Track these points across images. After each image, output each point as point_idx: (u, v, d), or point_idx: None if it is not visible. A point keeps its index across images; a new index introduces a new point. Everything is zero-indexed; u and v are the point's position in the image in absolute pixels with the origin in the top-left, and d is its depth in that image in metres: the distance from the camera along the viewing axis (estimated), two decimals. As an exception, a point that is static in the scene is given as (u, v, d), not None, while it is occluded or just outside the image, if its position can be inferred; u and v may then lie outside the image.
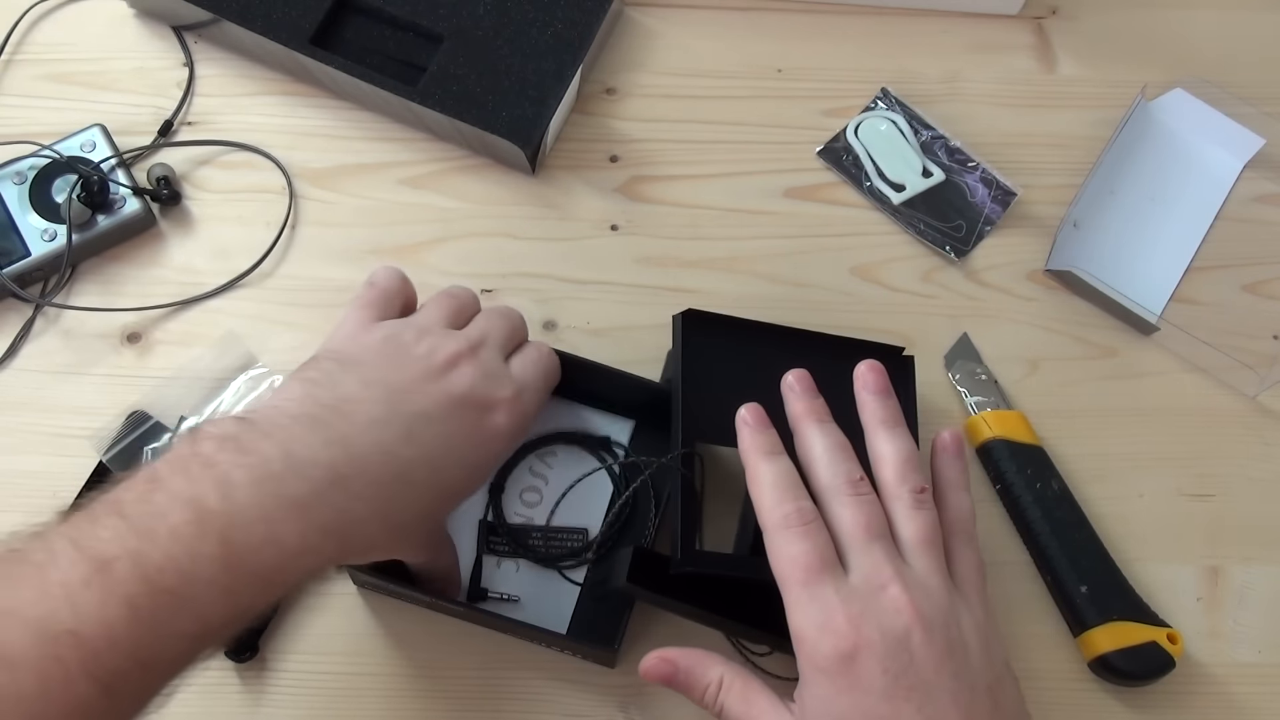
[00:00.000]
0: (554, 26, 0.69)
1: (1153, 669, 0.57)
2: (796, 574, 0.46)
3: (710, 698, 0.48)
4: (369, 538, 0.46)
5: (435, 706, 0.58)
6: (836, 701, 0.44)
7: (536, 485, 0.61)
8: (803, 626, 0.46)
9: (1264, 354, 0.67)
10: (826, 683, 0.44)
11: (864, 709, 0.44)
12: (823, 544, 0.47)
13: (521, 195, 0.69)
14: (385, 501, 0.45)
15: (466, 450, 0.49)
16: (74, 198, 0.64)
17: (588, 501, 0.60)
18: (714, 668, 0.49)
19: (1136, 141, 0.72)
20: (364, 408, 0.46)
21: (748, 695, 0.47)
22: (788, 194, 0.70)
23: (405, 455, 0.46)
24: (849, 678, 0.44)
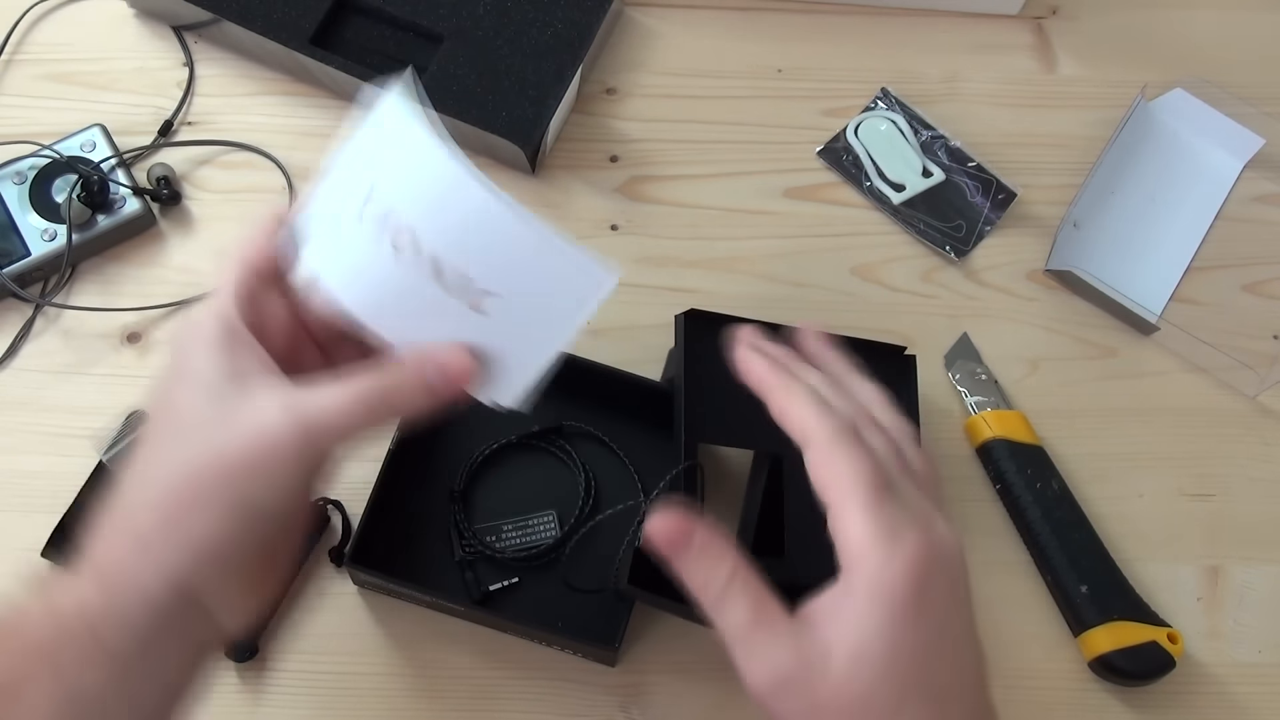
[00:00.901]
0: (554, 26, 0.69)
1: (1153, 669, 0.57)
2: (863, 485, 0.40)
3: (715, 591, 0.40)
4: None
5: (435, 706, 0.58)
6: (893, 632, 0.38)
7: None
8: (870, 544, 0.39)
9: (1264, 354, 0.67)
10: (886, 610, 0.38)
11: (924, 643, 0.39)
12: (882, 457, 0.42)
13: (521, 195, 0.69)
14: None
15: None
16: (74, 198, 0.64)
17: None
18: (729, 556, 0.41)
19: (1136, 141, 0.72)
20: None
21: (761, 604, 0.40)
22: (788, 194, 0.70)
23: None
24: (917, 606, 0.38)
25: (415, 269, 0.40)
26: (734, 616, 0.40)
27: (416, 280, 0.40)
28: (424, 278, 0.40)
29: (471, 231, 0.39)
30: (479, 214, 0.39)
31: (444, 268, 0.40)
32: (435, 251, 0.39)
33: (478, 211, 0.39)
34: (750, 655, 0.39)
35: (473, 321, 0.41)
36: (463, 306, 0.40)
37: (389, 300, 0.41)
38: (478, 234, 0.39)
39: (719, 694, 0.58)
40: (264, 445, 0.39)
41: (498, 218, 0.39)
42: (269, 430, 0.39)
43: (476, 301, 0.40)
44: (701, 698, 0.58)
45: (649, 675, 0.58)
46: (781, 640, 0.39)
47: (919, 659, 0.38)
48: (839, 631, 0.39)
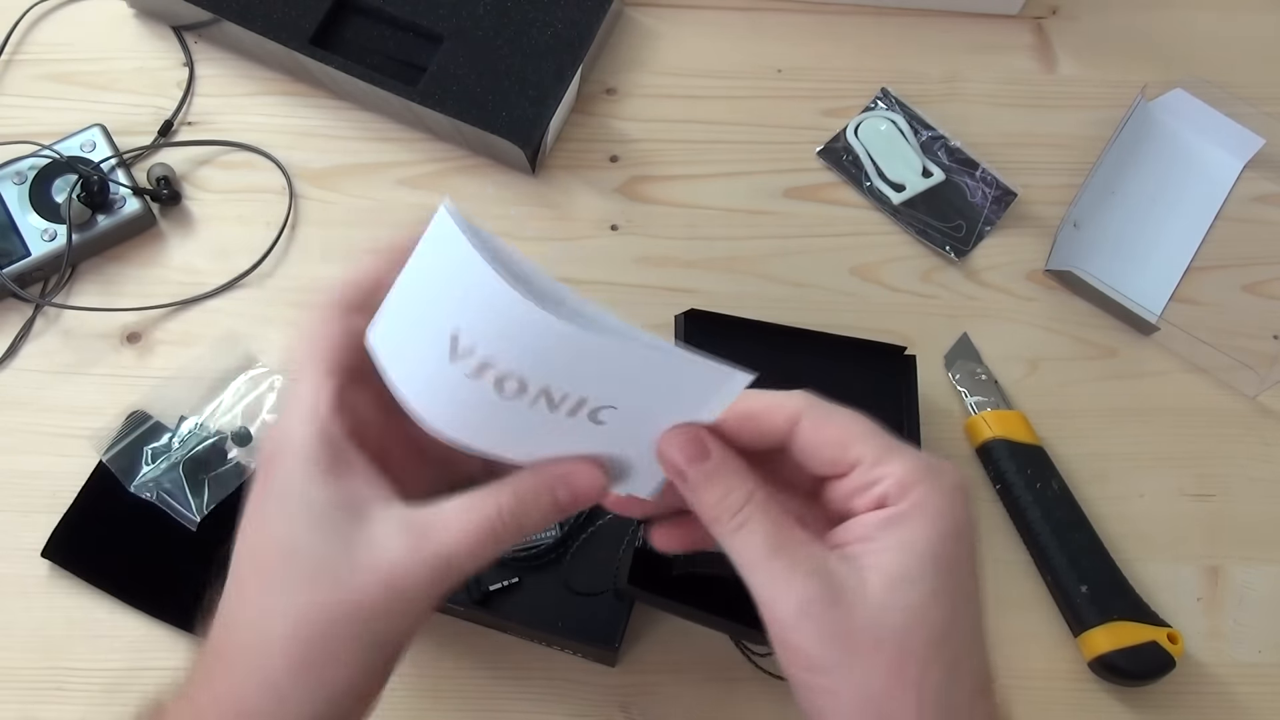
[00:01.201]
0: (554, 26, 0.69)
1: (1153, 669, 0.57)
2: (878, 430, 0.38)
3: (733, 505, 0.37)
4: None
5: (435, 706, 0.58)
6: (940, 561, 0.36)
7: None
8: (916, 473, 0.37)
9: (1264, 354, 0.67)
10: (936, 536, 0.36)
11: (967, 578, 0.37)
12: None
13: (521, 195, 0.69)
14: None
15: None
16: (74, 198, 0.64)
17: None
18: (748, 477, 0.37)
19: (1136, 141, 0.72)
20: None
21: (783, 528, 0.37)
22: (788, 194, 0.70)
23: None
24: (962, 537, 0.37)
25: (525, 404, 0.37)
26: (753, 539, 0.36)
27: (529, 412, 0.37)
28: (538, 408, 0.37)
29: (578, 366, 0.36)
30: (581, 353, 0.35)
31: (555, 395, 0.36)
32: (545, 385, 0.36)
33: (579, 352, 0.35)
34: (772, 581, 0.36)
35: (596, 433, 0.37)
36: (583, 421, 0.37)
37: (500, 428, 0.38)
38: (586, 366, 0.36)
39: (719, 694, 0.58)
40: (397, 586, 0.36)
41: (603, 349, 0.35)
42: (399, 569, 0.36)
43: (595, 414, 0.37)
44: (701, 698, 0.58)
45: (649, 675, 0.58)
46: (807, 564, 0.36)
47: (962, 593, 0.36)
48: (879, 557, 0.36)
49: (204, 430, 0.61)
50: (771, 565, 0.36)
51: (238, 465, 0.61)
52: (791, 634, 0.36)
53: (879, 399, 0.61)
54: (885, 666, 0.35)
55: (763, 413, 0.38)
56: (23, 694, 0.57)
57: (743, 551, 0.37)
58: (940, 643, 0.35)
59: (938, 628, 0.35)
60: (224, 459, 0.61)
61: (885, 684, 0.35)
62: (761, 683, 0.58)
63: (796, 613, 0.35)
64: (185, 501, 0.60)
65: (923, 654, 0.35)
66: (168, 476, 0.60)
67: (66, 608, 0.59)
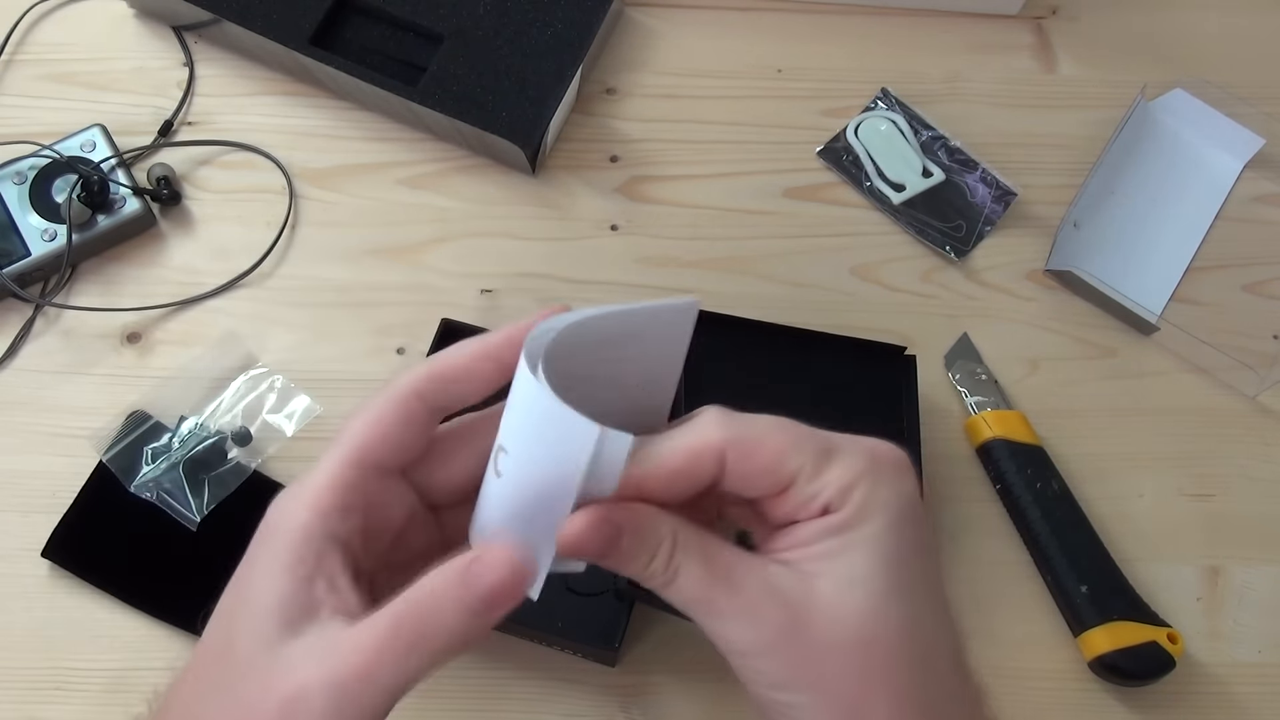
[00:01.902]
0: (554, 26, 0.69)
1: (1153, 669, 0.57)
2: (805, 433, 0.36)
3: (661, 564, 0.34)
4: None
5: (435, 706, 0.58)
6: (892, 550, 0.34)
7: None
8: (849, 469, 0.34)
9: (1264, 354, 0.67)
10: (886, 527, 0.34)
11: (922, 571, 0.35)
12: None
13: (521, 195, 0.69)
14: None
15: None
16: (74, 198, 0.64)
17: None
18: (664, 524, 0.34)
19: (1136, 141, 0.72)
20: None
21: (711, 557, 0.34)
22: (788, 194, 0.70)
23: None
24: (913, 521, 0.35)
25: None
26: (688, 582, 0.34)
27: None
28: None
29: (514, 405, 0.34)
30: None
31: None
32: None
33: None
34: (719, 619, 0.34)
35: (501, 490, 0.34)
36: (491, 470, 0.35)
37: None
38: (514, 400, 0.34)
39: (719, 694, 0.58)
40: (291, 713, 0.32)
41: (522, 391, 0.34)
42: (296, 694, 0.32)
43: (496, 459, 0.35)
44: (701, 698, 0.58)
45: (649, 675, 0.58)
46: (751, 584, 0.34)
47: (921, 583, 0.34)
48: (825, 563, 0.34)
49: (204, 430, 0.61)
50: (713, 603, 0.34)
51: (238, 465, 0.61)
52: (755, 661, 0.34)
53: (879, 399, 0.61)
54: (854, 674, 0.33)
55: (683, 469, 0.34)
56: (23, 694, 0.57)
57: (683, 596, 0.34)
58: (906, 639, 0.33)
59: (900, 624, 0.33)
60: (224, 459, 0.61)
61: (857, 692, 0.33)
62: (761, 683, 0.58)
63: (754, 641, 0.34)
64: (185, 501, 0.60)
65: (890, 654, 0.33)
66: (168, 476, 0.60)
67: (66, 608, 0.59)
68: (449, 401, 0.37)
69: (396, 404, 0.36)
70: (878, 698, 0.33)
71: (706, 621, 0.35)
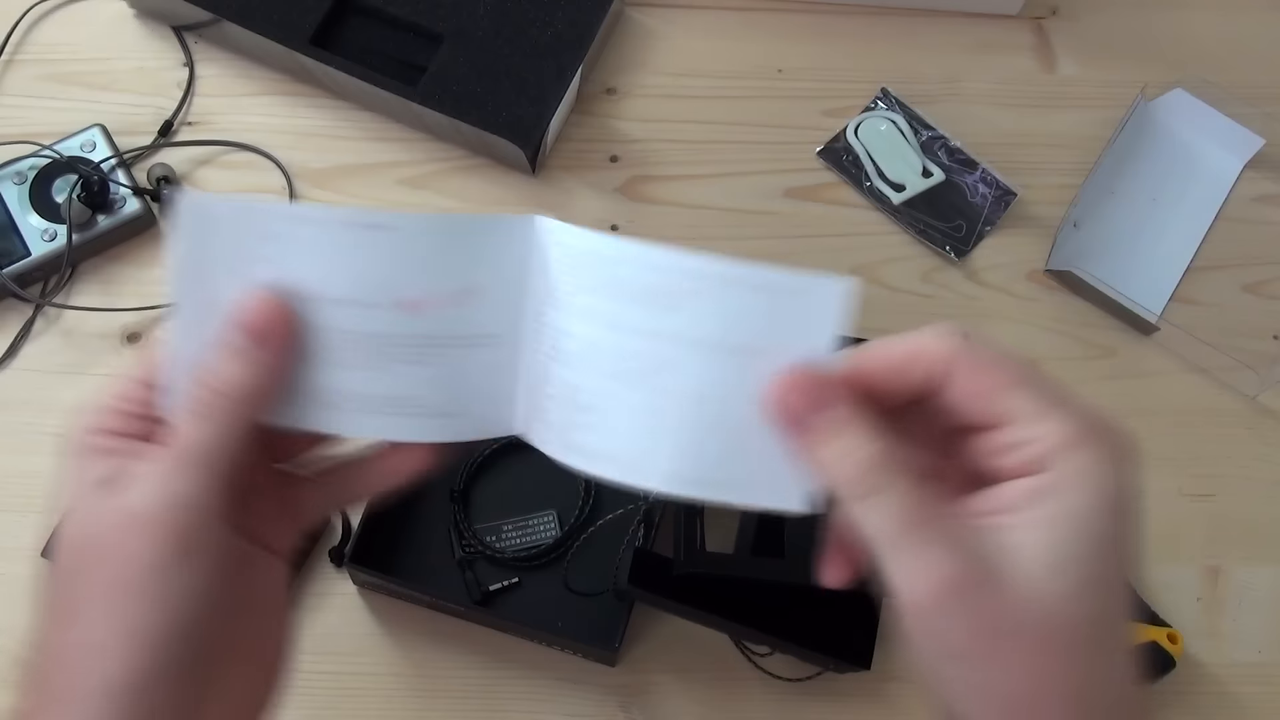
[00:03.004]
0: (554, 26, 0.69)
1: (1153, 669, 0.57)
2: (1037, 381, 0.34)
3: (858, 470, 0.32)
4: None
5: (435, 706, 0.58)
6: (1102, 541, 0.31)
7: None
8: (1077, 436, 0.32)
9: (1264, 354, 0.67)
10: (1098, 513, 0.31)
11: (1123, 564, 0.32)
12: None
13: (521, 195, 0.69)
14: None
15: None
16: (74, 198, 0.64)
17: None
18: (878, 435, 0.33)
19: (1136, 141, 0.72)
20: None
21: (920, 497, 0.32)
22: (788, 194, 0.70)
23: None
24: (1126, 514, 0.32)
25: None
26: (885, 509, 0.31)
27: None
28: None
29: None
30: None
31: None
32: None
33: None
34: (907, 560, 0.31)
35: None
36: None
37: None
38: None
39: (719, 694, 0.58)
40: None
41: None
42: (136, 515, 0.34)
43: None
44: (701, 698, 0.58)
45: (649, 675, 0.58)
46: (948, 541, 0.31)
47: (1118, 580, 0.32)
48: (1027, 534, 0.31)
49: (204, 430, 0.61)
50: (907, 541, 0.31)
51: (238, 465, 0.61)
52: (928, 620, 0.31)
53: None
54: (1032, 659, 0.31)
55: (906, 360, 0.33)
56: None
57: (872, 523, 0.32)
58: (1092, 636, 0.31)
59: (1091, 619, 0.31)
60: (224, 459, 0.61)
61: (1032, 681, 0.31)
62: (761, 683, 0.58)
63: (935, 597, 0.31)
64: (185, 501, 0.60)
65: (1072, 648, 0.31)
66: (168, 476, 0.60)
67: (66, 608, 0.59)
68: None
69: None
70: (1052, 694, 0.31)
71: (891, 557, 0.32)
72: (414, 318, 0.36)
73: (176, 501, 0.34)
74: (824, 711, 0.58)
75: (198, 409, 0.35)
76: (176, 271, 0.36)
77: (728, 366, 0.34)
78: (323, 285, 0.35)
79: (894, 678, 0.59)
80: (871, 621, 0.57)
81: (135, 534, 0.33)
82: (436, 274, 0.36)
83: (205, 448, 0.34)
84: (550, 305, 0.36)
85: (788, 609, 0.55)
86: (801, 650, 0.56)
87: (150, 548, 0.33)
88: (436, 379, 0.37)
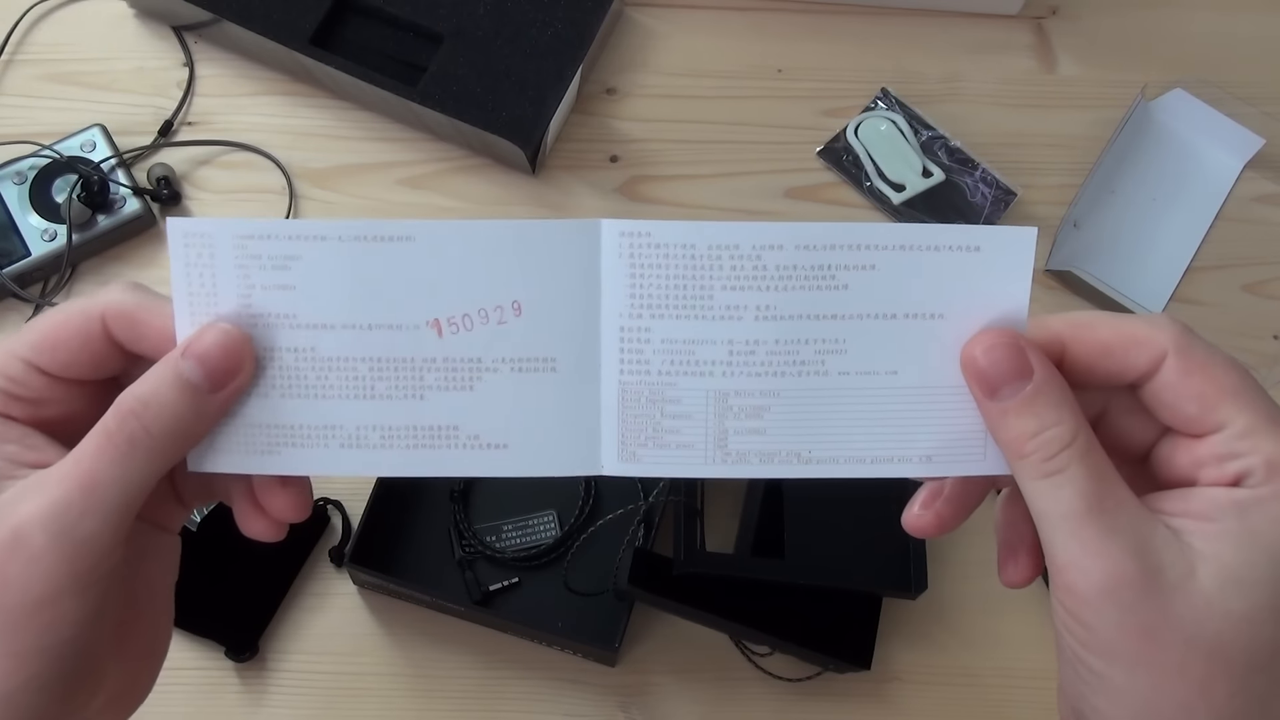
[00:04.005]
0: (554, 26, 0.69)
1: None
2: (1254, 386, 0.32)
3: (1046, 453, 0.31)
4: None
5: (435, 706, 0.58)
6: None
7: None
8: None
9: (1264, 354, 0.67)
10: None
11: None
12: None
13: (521, 195, 0.69)
14: None
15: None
16: (74, 198, 0.64)
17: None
18: (1074, 416, 0.31)
19: (1136, 141, 0.72)
20: None
21: (1107, 482, 0.30)
22: (788, 194, 0.70)
23: None
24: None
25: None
26: (1066, 492, 0.30)
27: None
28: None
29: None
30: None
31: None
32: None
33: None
34: (1078, 546, 0.30)
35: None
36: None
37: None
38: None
39: (719, 694, 0.58)
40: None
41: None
42: (16, 541, 0.30)
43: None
44: (701, 698, 0.58)
45: (649, 675, 0.58)
46: (1126, 535, 0.30)
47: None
48: (1217, 544, 0.29)
49: (204, 430, 0.61)
50: (1082, 528, 0.30)
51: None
52: (1086, 610, 0.30)
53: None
54: (1189, 677, 0.29)
55: (1118, 346, 0.31)
56: (23, 694, 0.57)
57: (1050, 503, 0.30)
58: (1264, 668, 0.29)
59: (1266, 649, 0.29)
60: (224, 459, 0.61)
61: (1182, 697, 0.29)
62: (761, 683, 0.58)
63: (1100, 590, 0.29)
64: (185, 501, 0.60)
65: (1239, 675, 0.29)
66: (168, 476, 0.60)
67: (66, 608, 0.59)
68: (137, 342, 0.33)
69: (79, 318, 0.33)
70: (1202, 713, 0.29)
71: (1059, 537, 0.30)
72: (449, 338, 0.33)
73: (76, 536, 0.30)
74: (824, 711, 0.58)
75: (118, 443, 0.31)
76: (176, 305, 0.33)
77: (909, 334, 0.32)
78: (337, 307, 0.33)
79: (894, 678, 0.59)
80: (871, 621, 0.57)
81: (24, 562, 0.30)
82: (472, 289, 0.33)
83: (118, 488, 0.31)
84: (665, 320, 0.33)
85: (788, 609, 0.55)
86: (801, 650, 0.56)
87: (41, 580, 0.30)
88: (481, 406, 0.34)
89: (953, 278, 0.31)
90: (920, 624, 0.60)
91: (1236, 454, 0.30)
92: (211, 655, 0.57)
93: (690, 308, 0.33)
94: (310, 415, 0.33)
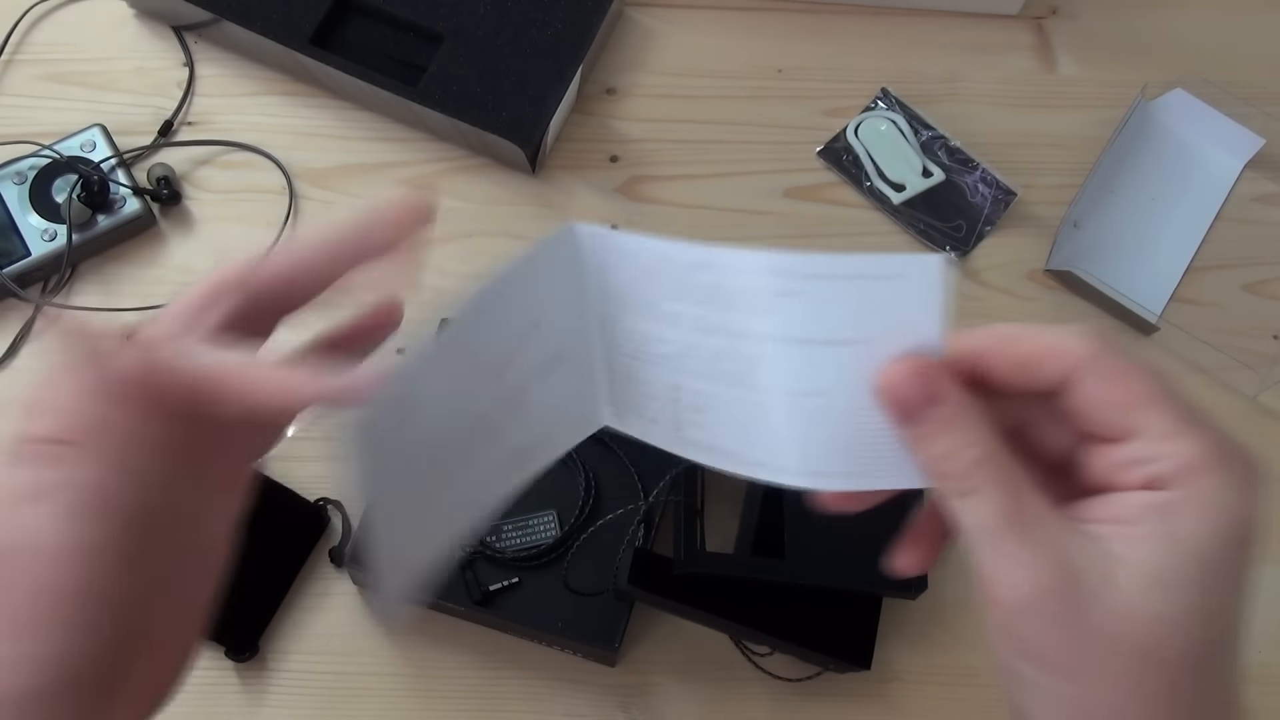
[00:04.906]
0: (554, 26, 0.69)
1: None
2: (1171, 396, 0.34)
3: (961, 473, 0.31)
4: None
5: (435, 706, 0.58)
6: (1212, 570, 0.31)
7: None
8: (1206, 458, 0.31)
9: (1264, 354, 0.67)
10: (1214, 539, 0.31)
11: (1234, 598, 0.32)
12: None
13: (521, 195, 0.69)
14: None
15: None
16: (74, 198, 0.64)
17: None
18: (985, 431, 0.31)
19: (1136, 141, 0.72)
20: None
21: (1021, 497, 0.31)
22: (788, 194, 0.70)
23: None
24: (1244, 545, 0.31)
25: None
26: (984, 508, 0.31)
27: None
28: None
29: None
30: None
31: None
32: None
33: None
34: (1000, 559, 0.30)
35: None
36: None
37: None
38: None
39: (719, 694, 0.58)
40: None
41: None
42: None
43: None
44: (701, 698, 0.58)
45: (649, 675, 0.58)
46: (1045, 545, 0.30)
47: (1230, 612, 0.31)
48: (1136, 548, 0.30)
49: (204, 430, 0.61)
50: (1002, 542, 0.30)
51: (238, 465, 0.61)
52: (1014, 621, 0.30)
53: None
54: (1120, 681, 0.30)
55: (1034, 358, 0.32)
56: (23, 694, 0.57)
57: (969, 519, 0.31)
58: (1194, 668, 0.30)
59: (1193, 649, 0.30)
60: (224, 459, 0.61)
61: (1113, 701, 0.30)
62: (761, 683, 0.58)
63: (1025, 601, 0.30)
64: (185, 501, 0.60)
65: (1169, 677, 0.30)
66: (168, 476, 0.60)
67: (66, 608, 0.59)
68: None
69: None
70: (1135, 715, 0.30)
71: (987, 554, 0.31)
72: (504, 378, 0.35)
73: (98, 545, 0.31)
74: (824, 711, 0.58)
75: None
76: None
77: (830, 359, 0.33)
78: (441, 397, 0.34)
79: (894, 678, 0.59)
80: (871, 621, 0.57)
81: (52, 563, 0.30)
82: (509, 332, 0.35)
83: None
84: (627, 311, 0.35)
85: (788, 609, 0.55)
86: (801, 650, 0.56)
87: (71, 576, 0.30)
88: (525, 420, 0.36)
89: (871, 305, 0.32)
90: (920, 624, 0.60)
91: (1155, 457, 0.31)
92: (211, 655, 0.57)
93: (643, 307, 0.35)
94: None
